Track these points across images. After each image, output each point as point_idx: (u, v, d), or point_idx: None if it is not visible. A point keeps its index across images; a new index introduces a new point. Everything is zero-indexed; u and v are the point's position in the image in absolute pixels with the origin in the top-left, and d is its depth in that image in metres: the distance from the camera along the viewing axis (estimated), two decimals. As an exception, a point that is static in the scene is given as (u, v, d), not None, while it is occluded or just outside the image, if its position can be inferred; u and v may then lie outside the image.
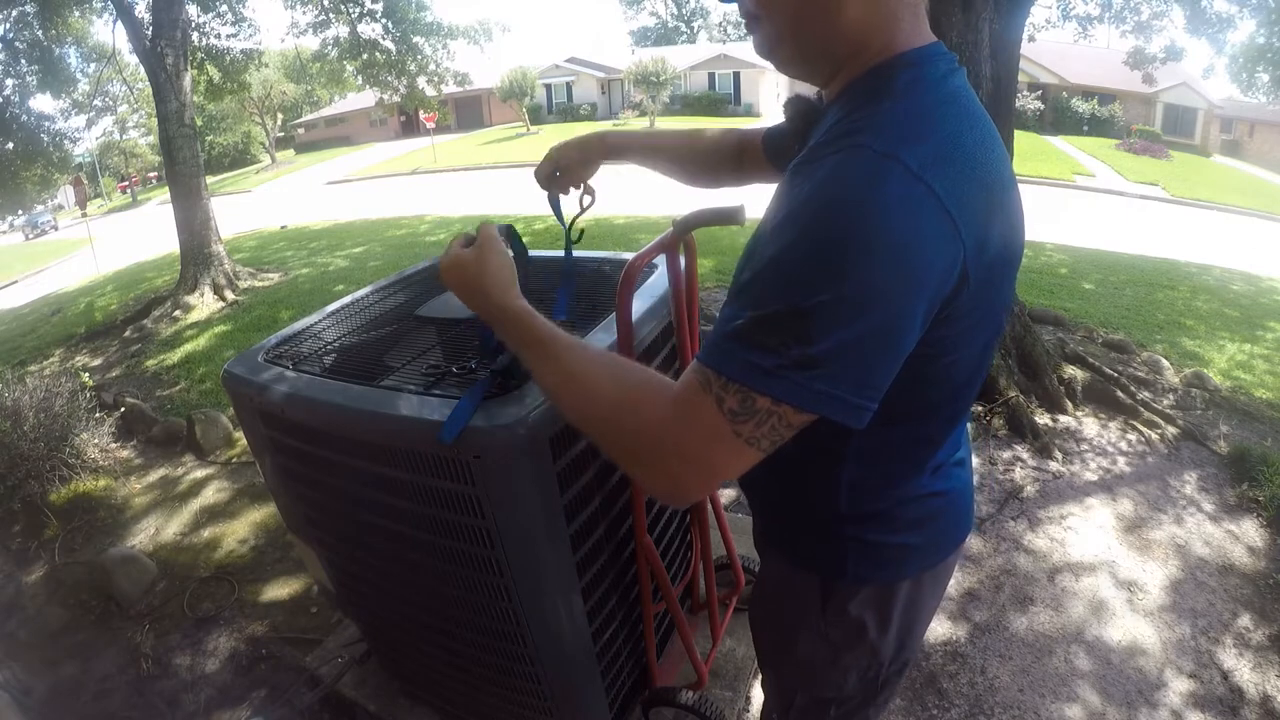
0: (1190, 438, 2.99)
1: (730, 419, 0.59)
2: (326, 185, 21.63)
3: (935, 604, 0.95)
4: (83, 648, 2.16)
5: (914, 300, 0.57)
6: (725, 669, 1.72)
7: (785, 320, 0.56)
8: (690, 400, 0.61)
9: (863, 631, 0.87)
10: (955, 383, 0.73)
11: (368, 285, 1.67)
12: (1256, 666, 1.86)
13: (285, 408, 1.19)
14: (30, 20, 7.98)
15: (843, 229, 0.55)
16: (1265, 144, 22.64)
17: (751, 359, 0.57)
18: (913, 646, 0.95)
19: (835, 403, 0.57)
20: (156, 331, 5.82)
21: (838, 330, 0.55)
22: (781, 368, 0.56)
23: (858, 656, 0.90)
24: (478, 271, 0.81)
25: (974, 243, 0.59)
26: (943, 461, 0.82)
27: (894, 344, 0.58)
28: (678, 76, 29.85)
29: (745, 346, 0.58)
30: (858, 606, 0.86)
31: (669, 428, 0.62)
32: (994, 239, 0.62)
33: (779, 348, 0.56)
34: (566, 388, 0.70)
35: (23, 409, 3.02)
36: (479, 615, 1.22)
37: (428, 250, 8.09)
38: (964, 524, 0.90)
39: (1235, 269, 7.84)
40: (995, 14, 2.95)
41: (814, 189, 0.57)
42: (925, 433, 0.78)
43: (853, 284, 0.54)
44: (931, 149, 0.58)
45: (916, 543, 0.84)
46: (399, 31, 9.04)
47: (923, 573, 0.87)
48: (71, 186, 28.04)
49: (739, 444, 0.60)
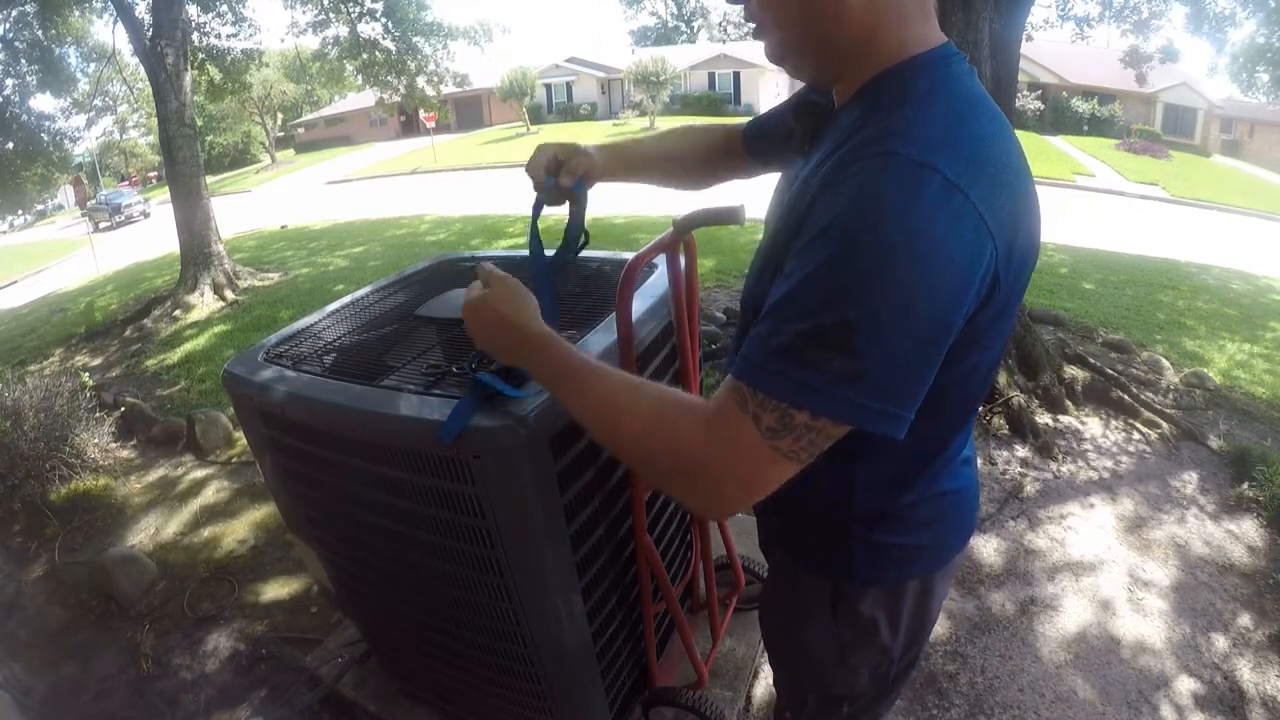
0: (1190, 437, 2.99)
1: (768, 436, 0.58)
2: (326, 185, 21.64)
3: (942, 600, 0.95)
4: (83, 648, 2.16)
5: (956, 309, 0.57)
6: (725, 669, 1.72)
7: (830, 334, 0.55)
8: (728, 418, 0.60)
9: (874, 632, 0.87)
10: (973, 384, 0.74)
11: (368, 285, 1.67)
12: (1256, 666, 1.86)
13: (285, 407, 1.19)
14: (30, 20, 7.98)
15: (886, 240, 0.54)
16: (1265, 144, 22.64)
17: (793, 375, 0.56)
18: (922, 643, 0.95)
19: (877, 416, 0.57)
20: (156, 331, 5.82)
21: (885, 342, 0.55)
22: (825, 383, 0.56)
23: (869, 655, 0.90)
24: (496, 309, 0.78)
25: (1004, 248, 0.59)
26: (951, 460, 0.82)
27: (935, 354, 0.58)
28: (678, 76, 29.85)
29: (786, 362, 0.57)
30: (868, 607, 0.86)
31: (708, 449, 0.61)
32: (1019, 242, 0.62)
33: (822, 363, 0.55)
34: (600, 415, 0.69)
35: (23, 409, 3.02)
36: (479, 615, 1.22)
37: (427, 250, 8.09)
38: (970, 522, 0.91)
39: (1235, 269, 7.84)
40: (995, 14, 2.95)
41: (851, 199, 0.56)
42: (939, 433, 0.78)
43: (900, 295, 0.54)
44: (964, 156, 0.57)
45: (925, 543, 0.84)
46: (399, 31, 9.06)
47: (932, 572, 0.87)
48: (71, 186, 27.95)
49: (777, 458, 0.59)
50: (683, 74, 30.60)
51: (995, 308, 0.62)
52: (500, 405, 1.01)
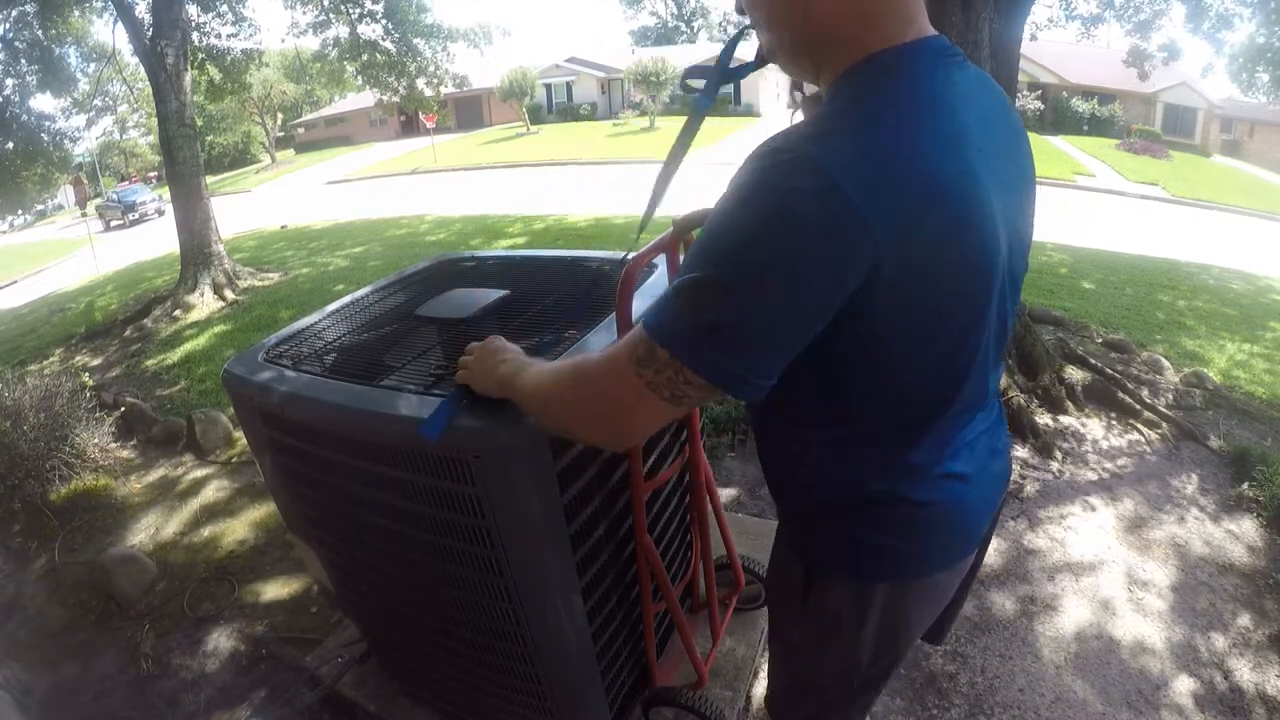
0: (1190, 437, 2.99)
1: (636, 365, 0.67)
2: (326, 185, 21.64)
3: (924, 621, 0.95)
4: (83, 648, 2.16)
5: (804, 290, 0.61)
6: (725, 669, 1.72)
7: (691, 288, 0.63)
8: (619, 349, 0.70)
9: (838, 626, 0.89)
10: (902, 385, 0.73)
11: (368, 285, 1.67)
12: (1256, 666, 1.86)
13: (285, 407, 1.19)
14: (30, 20, 7.98)
15: (748, 215, 0.62)
16: (1265, 144, 22.63)
17: (665, 316, 0.65)
18: (895, 656, 0.95)
19: (724, 374, 0.64)
20: (156, 331, 5.82)
21: (730, 305, 0.61)
22: (686, 329, 0.64)
23: (835, 652, 0.93)
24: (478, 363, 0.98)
25: (892, 243, 0.60)
26: (924, 469, 0.81)
27: (783, 328, 0.63)
28: (678, 76, 29.82)
29: (663, 306, 0.66)
30: (834, 600, 0.88)
31: (598, 377, 0.73)
32: (943, 242, 0.64)
33: (688, 311, 0.63)
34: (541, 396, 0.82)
35: (23, 408, 3.02)
36: (479, 615, 1.22)
37: (427, 250, 8.09)
38: (959, 543, 0.88)
39: (1235, 269, 7.84)
40: (995, 14, 2.94)
41: (739, 178, 0.64)
42: (884, 433, 0.78)
43: (747, 265, 0.61)
44: (856, 149, 0.61)
45: (894, 546, 0.84)
46: (399, 33, 9.05)
47: (905, 581, 0.86)
48: (71, 186, 27.88)
49: (642, 387, 0.67)
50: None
51: (889, 305, 0.64)
52: (500, 405, 1.01)
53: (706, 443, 2.82)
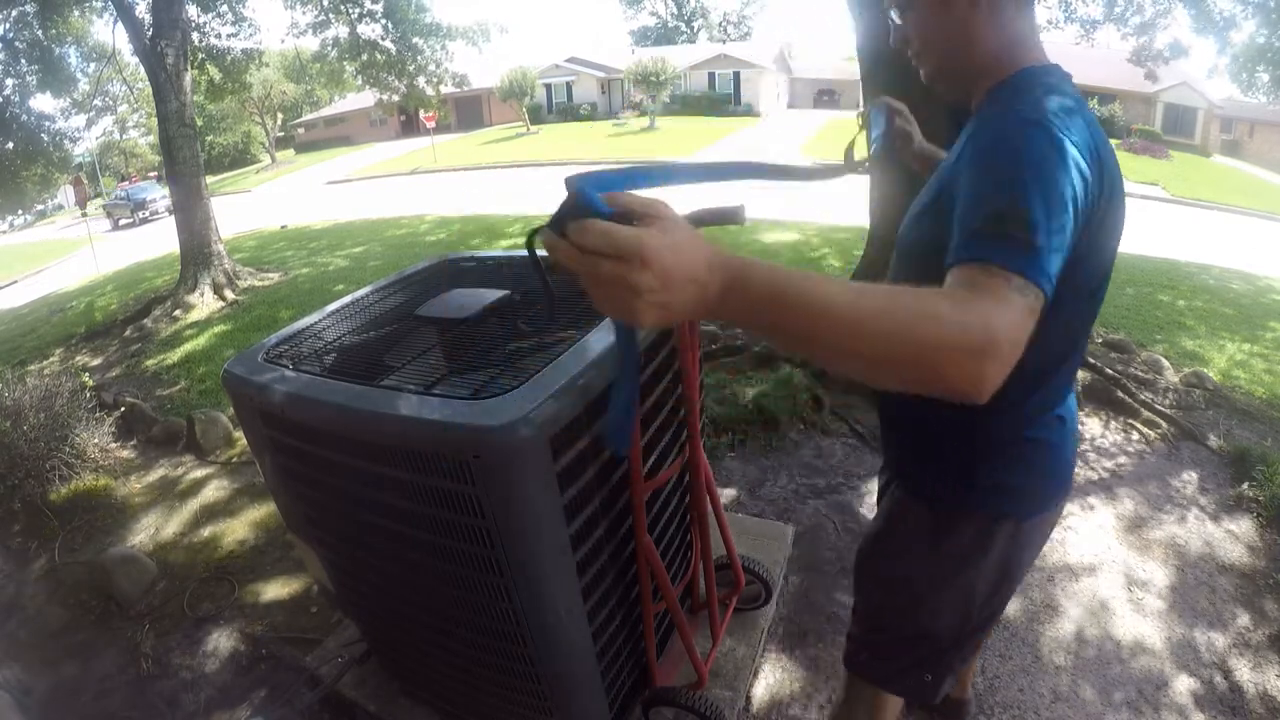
0: (1190, 437, 2.99)
1: (1019, 293, 0.64)
2: (326, 185, 21.63)
3: (1029, 562, 1.04)
4: (83, 648, 2.16)
5: (1076, 201, 0.71)
6: (725, 669, 1.72)
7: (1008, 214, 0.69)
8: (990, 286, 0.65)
9: (964, 566, 0.98)
10: (1059, 328, 0.79)
11: (368, 285, 1.67)
12: (1256, 666, 1.86)
13: (285, 407, 1.19)
14: (30, 20, 7.99)
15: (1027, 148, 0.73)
16: (1265, 144, 22.64)
17: (1007, 247, 0.67)
18: (1003, 598, 1.04)
19: (1045, 279, 0.66)
20: (156, 331, 5.82)
21: (1042, 220, 0.68)
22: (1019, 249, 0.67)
23: (955, 593, 1.00)
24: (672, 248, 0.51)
25: (1095, 169, 0.76)
26: (1044, 407, 0.92)
27: (1069, 236, 0.71)
28: (678, 76, 29.85)
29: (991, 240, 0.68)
30: (963, 539, 0.97)
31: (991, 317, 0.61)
32: (1110, 209, 0.80)
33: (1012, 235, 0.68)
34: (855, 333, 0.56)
35: (23, 409, 3.02)
36: (479, 615, 1.22)
37: (427, 250, 8.10)
38: (1061, 482, 0.99)
39: (1234, 269, 7.84)
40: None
41: (993, 136, 0.77)
42: (1029, 376, 0.73)
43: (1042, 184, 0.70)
44: (1059, 117, 0.76)
45: (1015, 484, 0.94)
46: (399, 32, 9.05)
47: (1021, 521, 0.96)
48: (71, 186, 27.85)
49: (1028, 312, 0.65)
50: (683, 74, 30.60)
51: (1098, 215, 0.77)
52: (500, 405, 1.01)
53: (706, 443, 2.82)
